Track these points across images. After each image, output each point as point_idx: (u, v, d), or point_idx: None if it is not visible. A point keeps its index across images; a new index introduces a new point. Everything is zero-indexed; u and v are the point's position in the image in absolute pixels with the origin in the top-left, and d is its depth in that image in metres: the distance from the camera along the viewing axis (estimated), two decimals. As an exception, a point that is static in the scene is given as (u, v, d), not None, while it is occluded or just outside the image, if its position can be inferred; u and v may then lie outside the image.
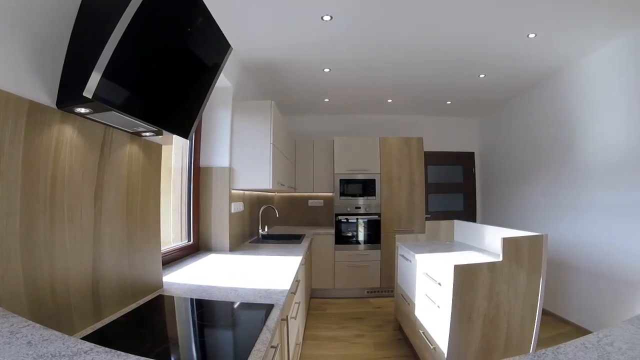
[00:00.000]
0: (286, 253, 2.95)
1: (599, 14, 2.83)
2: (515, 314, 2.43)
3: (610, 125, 3.45)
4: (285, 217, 5.76)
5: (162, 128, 1.45)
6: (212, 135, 3.09)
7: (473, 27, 3.04)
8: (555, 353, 0.84)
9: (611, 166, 3.43)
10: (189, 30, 1.50)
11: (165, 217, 2.24)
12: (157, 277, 1.72)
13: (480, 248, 3.26)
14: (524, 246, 2.47)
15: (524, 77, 4.37)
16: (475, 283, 2.34)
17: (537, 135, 4.72)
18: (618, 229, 3.32)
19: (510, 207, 5.38)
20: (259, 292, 1.72)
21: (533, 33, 3.14)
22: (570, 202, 4.02)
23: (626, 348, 0.84)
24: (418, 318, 2.96)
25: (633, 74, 3.16)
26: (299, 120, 6.09)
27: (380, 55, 3.60)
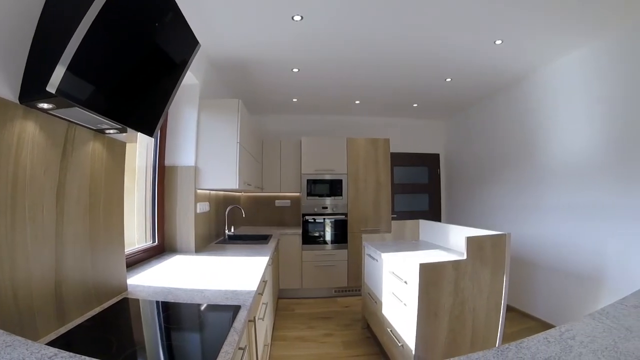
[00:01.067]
0: (253, 254, 2.91)
1: (563, 25, 2.98)
2: (480, 311, 2.52)
3: (571, 130, 3.63)
4: (252, 217, 5.70)
5: (127, 125, 1.40)
6: (178, 133, 3.01)
7: (441, 32, 3.12)
8: (519, 347, 0.87)
9: (571, 169, 3.61)
10: (157, 26, 1.46)
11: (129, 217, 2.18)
12: (121, 280, 1.67)
13: (445, 247, 3.35)
14: (487, 245, 2.55)
15: (489, 82, 4.51)
16: (440, 281, 2.40)
17: (501, 138, 4.89)
18: (578, 228, 3.50)
19: (474, 207, 5.56)
20: (226, 293, 1.70)
21: (500, 40, 3.26)
22: (532, 202, 4.20)
23: (588, 341, 0.88)
24: (385, 316, 3.00)
25: (593, 82, 3.34)
26: (266, 119, 6.05)
27: (349, 57, 3.63)
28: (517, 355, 0.84)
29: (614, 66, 3.11)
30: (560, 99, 3.78)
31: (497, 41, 3.28)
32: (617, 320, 1.01)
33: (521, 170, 4.42)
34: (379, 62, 3.80)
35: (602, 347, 0.84)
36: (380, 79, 4.35)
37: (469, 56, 3.65)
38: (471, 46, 3.40)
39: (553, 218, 3.84)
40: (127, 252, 1.90)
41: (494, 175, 5.02)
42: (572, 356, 0.81)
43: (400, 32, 3.11)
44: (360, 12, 2.76)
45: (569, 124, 3.65)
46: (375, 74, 4.15)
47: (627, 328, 0.95)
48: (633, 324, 0.97)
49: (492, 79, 4.40)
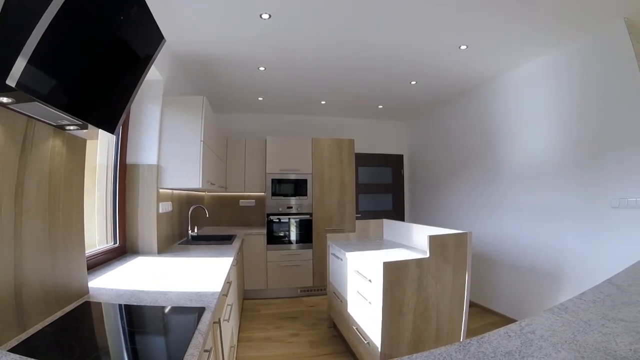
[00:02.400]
0: (217, 254, 2.87)
1: (526, 34, 3.13)
2: (444, 307, 2.60)
3: (531, 134, 3.81)
4: (216, 217, 5.59)
5: (88, 122, 1.34)
6: (140, 130, 2.91)
7: (407, 36, 3.19)
8: (480, 342, 0.90)
9: (532, 171, 3.79)
10: (122, 19, 1.41)
11: (89, 217, 2.09)
12: (82, 283, 1.59)
13: (409, 245, 3.42)
14: (449, 243, 2.64)
15: (454, 85, 4.65)
16: (404, 279, 2.46)
17: (463, 140, 5.06)
18: (538, 227, 3.67)
19: (437, 206, 5.72)
20: (190, 295, 1.66)
21: (465, 45, 3.37)
22: (493, 202, 4.37)
23: (548, 335, 0.91)
24: (351, 314, 3.04)
25: (554, 89, 3.52)
26: (231, 118, 5.96)
27: (316, 57, 3.65)
28: (478, 349, 0.86)
29: (574, 74, 3.29)
30: (522, 104, 3.96)
31: (462, 46, 3.39)
32: (576, 314, 1.05)
33: (483, 171, 4.59)
34: (345, 63, 3.83)
35: (562, 341, 0.88)
36: (347, 80, 4.39)
37: (434, 60, 3.75)
38: (436, 50, 3.50)
39: (514, 217, 4.01)
40: (87, 254, 1.83)
41: (457, 176, 5.18)
42: (532, 350, 0.84)
43: (366, 35, 3.15)
44: (327, 13, 2.77)
45: (530, 128, 3.83)
46: (342, 75, 4.18)
47: (585, 322, 0.99)
48: (591, 318, 1.01)
49: (456, 83, 4.54)
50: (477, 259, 4.38)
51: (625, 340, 0.86)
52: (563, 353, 0.81)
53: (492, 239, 4.31)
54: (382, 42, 3.30)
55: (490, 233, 4.35)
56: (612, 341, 0.86)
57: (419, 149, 6.44)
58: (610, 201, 2.92)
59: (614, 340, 0.86)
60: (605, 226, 2.97)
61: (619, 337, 0.88)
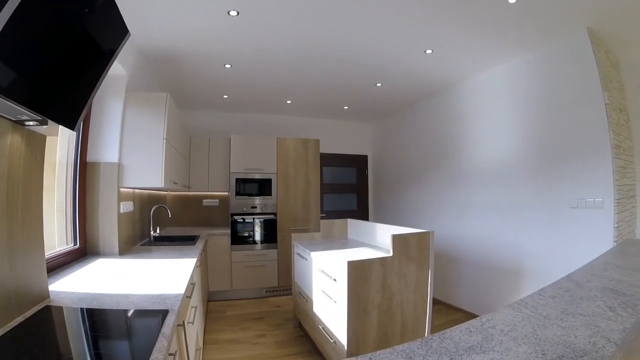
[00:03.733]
0: (180, 255, 2.81)
1: (490, 41, 3.26)
2: (408, 305, 2.67)
3: (493, 136, 3.97)
4: (179, 217, 5.45)
5: (48, 117, 1.29)
6: (101, 127, 2.79)
7: (374, 39, 3.24)
8: (442, 338, 0.92)
9: (493, 172, 3.95)
10: (87, 11, 1.36)
11: (49, 217, 1.99)
12: (43, 286, 1.52)
13: (373, 245, 3.48)
14: (412, 242, 2.72)
15: (418, 88, 4.77)
16: (368, 277, 2.51)
17: (427, 142, 5.19)
18: (499, 226, 3.83)
19: (401, 206, 5.85)
20: (153, 297, 1.62)
21: (430, 49, 3.46)
22: (456, 202, 4.52)
23: (508, 330, 0.95)
24: (317, 314, 3.06)
25: (516, 93, 3.69)
26: (195, 115, 5.83)
27: (283, 57, 3.64)
28: (440, 345, 0.88)
29: (537, 79, 3.46)
30: (485, 108, 4.12)
31: (428, 50, 3.49)
32: (535, 309, 1.09)
33: (446, 172, 4.73)
34: (312, 64, 3.85)
35: (522, 335, 0.91)
36: (313, 80, 4.41)
37: (399, 63, 3.84)
38: (402, 53, 3.58)
39: (476, 217, 4.17)
40: (47, 256, 1.74)
41: (421, 176, 5.32)
42: (493, 344, 0.86)
43: (333, 36, 3.18)
44: (295, 13, 2.78)
45: (493, 131, 4.00)
46: (308, 75, 4.20)
47: (544, 316, 1.03)
48: (550, 313, 1.05)
49: (420, 86, 4.66)
50: (441, 257, 4.53)
51: (584, 333, 0.90)
52: (524, 347, 0.84)
53: (456, 238, 4.46)
54: (348, 44, 3.34)
55: (453, 232, 4.50)
56: (572, 335, 0.90)
57: (384, 150, 6.56)
58: (569, 201, 3.10)
59: (573, 333, 0.90)
60: (564, 225, 3.14)
61: (578, 330, 0.92)
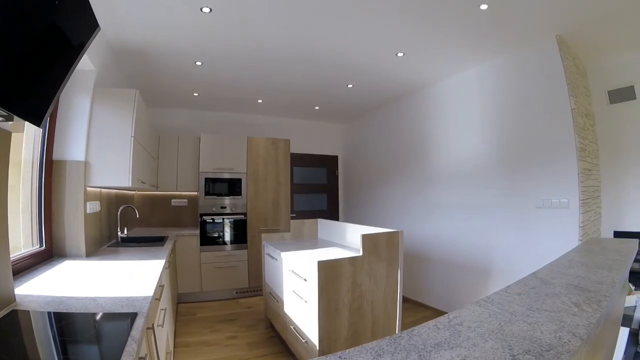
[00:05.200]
0: (148, 257, 2.75)
1: (461, 43, 3.35)
2: (378, 303, 2.72)
3: (463, 138, 4.09)
4: (147, 217, 5.31)
5: (13, 113, 1.23)
6: (68, 124, 2.68)
7: (346, 41, 3.28)
8: (410, 335, 0.93)
9: (462, 173, 4.07)
10: (57, 4, 1.32)
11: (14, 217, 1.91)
12: (8, 290, 1.46)
13: (343, 244, 3.52)
14: (381, 241, 2.77)
15: (389, 90, 4.85)
16: (338, 277, 2.54)
17: (397, 143, 5.29)
18: (467, 226, 3.96)
19: (372, 206, 5.93)
20: (121, 300, 1.60)
21: (402, 52, 3.54)
22: (425, 202, 4.63)
23: (475, 326, 0.97)
24: (288, 314, 3.07)
25: (485, 97, 3.82)
26: (165, 113, 5.69)
27: (255, 55, 3.63)
28: (409, 342, 0.88)
29: (505, 84, 3.60)
30: (455, 111, 4.24)
31: (399, 53, 3.56)
32: (501, 306, 1.12)
33: (415, 173, 4.84)
34: (283, 64, 3.86)
35: (489, 331, 0.93)
36: (284, 80, 4.41)
37: (371, 65, 3.90)
38: (374, 56, 3.64)
39: (445, 217, 4.28)
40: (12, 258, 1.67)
41: (390, 176, 5.41)
42: (460, 340, 0.88)
43: (305, 37, 3.21)
44: (268, 12, 2.78)
45: (461, 133, 4.12)
46: (280, 74, 4.20)
47: (511, 312, 1.06)
48: (517, 309, 1.08)
49: (391, 88, 4.75)
50: (411, 256, 4.63)
51: (550, 328, 0.93)
52: (490, 342, 0.86)
53: (425, 237, 4.57)
54: (320, 45, 3.37)
55: (423, 232, 4.61)
56: (538, 330, 0.92)
57: (354, 151, 6.64)
58: (535, 201, 3.24)
59: (539, 329, 0.93)
60: (530, 224, 3.29)
61: (544, 325, 0.95)
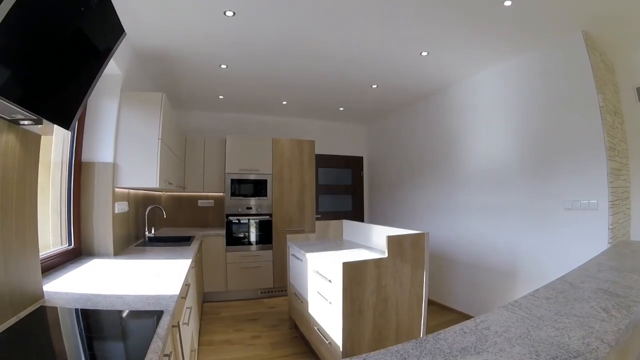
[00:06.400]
0: (175, 256, 2.80)
1: (484, 41, 3.27)
2: (403, 306, 2.67)
3: (488, 137, 3.99)
4: (174, 218, 5.42)
5: (43, 116, 1.28)
6: (96, 127, 2.77)
7: (370, 41, 3.25)
8: (436, 339, 0.92)
9: (488, 172, 3.96)
10: (83, 10, 1.36)
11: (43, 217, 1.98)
12: (37, 287, 1.51)
13: (368, 246, 3.49)
14: (407, 243, 2.72)
15: (413, 90, 4.78)
16: (363, 278, 2.51)
17: (422, 143, 5.20)
18: (493, 227, 3.85)
19: (396, 207, 5.86)
20: (147, 298, 1.62)
21: (426, 51, 3.48)
22: (451, 203, 4.53)
23: (502, 331, 0.94)
24: (312, 315, 3.05)
25: (511, 95, 3.70)
26: (191, 115, 5.81)
27: (279, 57, 3.64)
28: (434, 346, 0.87)
29: (532, 82, 3.48)
30: (480, 109, 4.13)
31: (423, 52, 3.50)
32: (529, 310, 1.09)
33: (441, 173, 4.74)
34: (307, 64, 3.85)
35: (516, 336, 0.91)
36: (308, 81, 4.41)
37: (395, 65, 3.85)
38: (398, 55, 3.59)
39: (471, 218, 4.18)
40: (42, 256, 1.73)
41: (416, 177, 5.33)
42: (487, 345, 0.86)
43: (329, 38, 3.19)
44: (292, 13, 2.78)
45: (487, 132, 4.01)
46: (304, 75, 4.20)
47: (539, 317, 1.03)
48: (544, 314, 1.05)
49: (416, 88, 4.68)
50: (436, 258, 4.54)
51: (578, 334, 0.90)
52: (517, 348, 0.84)
53: (450, 238, 4.47)
54: (344, 45, 3.35)
55: (448, 233, 4.51)
56: (565, 335, 0.90)
57: (379, 151, 6.57)
58: (563, 203, 3.12)
59: (567, 334, 0.90)
60: (559, 227, 3.16)
61: (572, 331, 0.92)
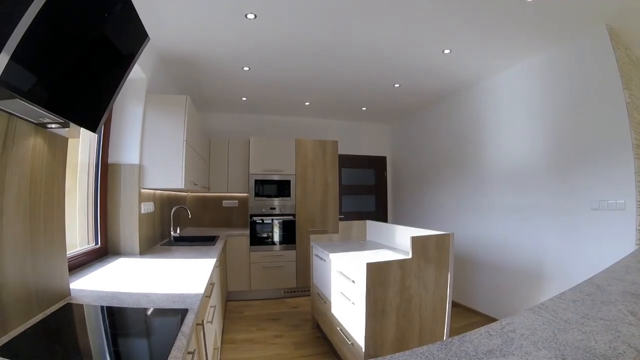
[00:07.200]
0: (199, 255, 2.84)
1: (509, 37, 3.18)
2: (426, 307, 2.63)
3: (513, 136, 3.89)
4: (198, 218, 5.53)
5: (69, 120, 1.31)
6: (122, 129, 2.85)
7: (392, 39, 3.21)
8: (462, 341, 0.90)
9: (512, 172, 3.86)
10: (106, 16, 1.39)
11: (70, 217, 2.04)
12: (63, 284, 1.56)
13: (391, 246, 3.45)
14: (431, 244, 2.67)
15: (436, 89, 4.71)
16: (387, 279, 2.48)
17: (446, 142, 5.12)
18: (518, 227, 3.74)
19: (420, 208, 5.78)
20: (172, 296, 1.64)
21: (448, 49, 3.42)
22: (475, 203, 4.44)
23: (528, 334, 0.92)
24: (334, 315, 3.04)
25: (535, 93, 3.60)
26: (214, 117, 5.90)
27: (301, 58, 3.65)
28: (460, 348, 0.86)
29: (556, 79, 3.37)
30: (504, 108, 4.03)
31: (446, 50, 3.44)
32: (555, 313, 1.06)
33: (464, 173, 4.66)
34: (329, 65, 3.84)
35: (542, 339, 0.88)
36: (331, 82, 4.40)
37: (417, 63, 3.79)
38: (420, 54, 3.54)
39: (496, 218, 4.08)
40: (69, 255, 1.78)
41: (439, 177, 5.24)
42: (513, 348, 0.84)
43: (351, 37, 3.17)
44: (312, 14, 2.78)
45: (511, 131, 3.91)
46: (326, 76, 4.19)
47: (565, 320, 1.00)
48: (571, 317, 1.02)
49: (439, 86, 4.60)
50: (460, 259, 4.45)
51: (605, 338, 0.87)
52: (544, 351, 0.82)
53: (475, 239, 4.38)
54: (366, 45, 3.32)
55: (472, 234, 4.42)
56: (592, 339, 0.87)
57: (402, 151, 6.50)
58: (590, 203, 3.00)
59: (594, 338, 0.88)
60: (585, 227, 3.05)
61: (599, 335, 0.89)
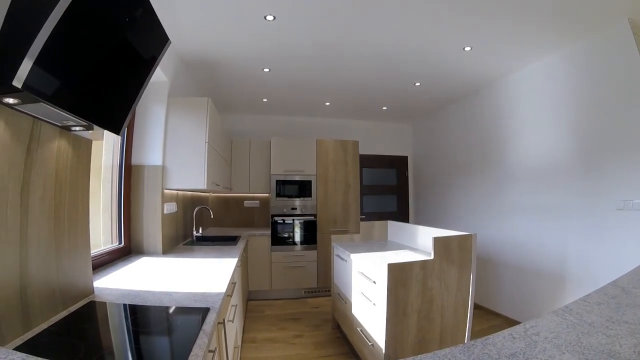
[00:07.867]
0: (221, 255, 2.88)
1: (530, 34, 3.11)
2: (448, 309, 2.59)
3: (536, 134, 3.79)
4: (220, 218, 5.61)
5: (93, 122, 1.35)
6: (145, 131, 2.92)
7: (412, 37, 3.18)
8: (485, 344, 0.89)
9: (535, 171, 3.76)
10: (127, 21, 1.42)
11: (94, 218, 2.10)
12: (87, 283, 1.60)
13: (413, 247, 3.41)
14: (453, 245, 2.63)
15: (457, 87, 4.63)
16: (408, 280, 2.45)
17: (467, 142, 5.04)
18: (542, 228, 3.64)
19: (442, 208, 5.69)
20: (194, 295, 1.67)
21: (469, 46, 3.35)
22: (498, 203, 4.34)
23: (552, 337, 0.90)
24: (355, 316, 3.03)
25: (558, 90, 3.50)
26: (235, 118, 5.97)
27: (321, 59, 3.65)
28: (483, 351, 0.85)
29: (579, 75, 3.27)
30: (526, 106, 3.93)
31: (467, 47, 3.37)
32: (580, 316, 1.03)
33: (487, 173, 4.56)
34: (349, 65, 3.83)
35: (566, 343, 0.86)
36: (351, 81, 4.39)
37: (438, 61, 3.74)
38: (441, 51, 3.48)
39: (518, 219, 3.98)
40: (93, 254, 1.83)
41: (461, 177, 5.16)
42: (536, 351, 0.83)
43: (371, 37, 3.15)
44: (331, 14, 2.78)
45: (534, 130, 3.81)
46: (346, 76, 4.18)
47: (589, 324, 0.97)
48: (595, 320, 1.00)
49: (460, 85, 4.53)
50: (482, 260, 4.36)
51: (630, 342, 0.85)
52: (567, 355, 0.80)
53: (497, 240, 4.28)
54: (386, 44, 3.30)
55: (495, 235, 4.32)
56: (617, 343, 0.85)
57: (424, 151, 6.43)
58: (615, 203, 2.90)
59: (618, 342, 0.86)
60: (610, 228, 2.94)
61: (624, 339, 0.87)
